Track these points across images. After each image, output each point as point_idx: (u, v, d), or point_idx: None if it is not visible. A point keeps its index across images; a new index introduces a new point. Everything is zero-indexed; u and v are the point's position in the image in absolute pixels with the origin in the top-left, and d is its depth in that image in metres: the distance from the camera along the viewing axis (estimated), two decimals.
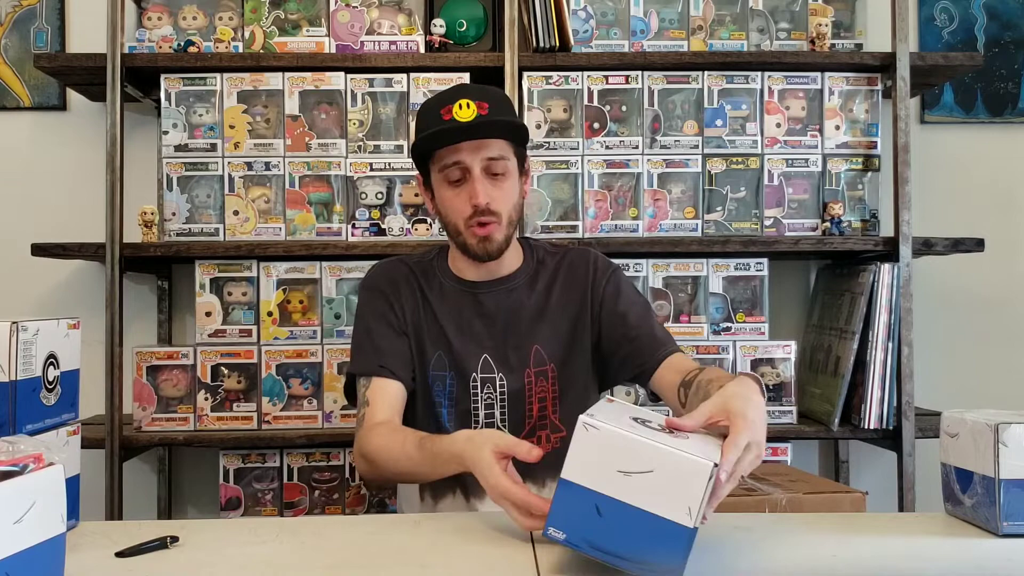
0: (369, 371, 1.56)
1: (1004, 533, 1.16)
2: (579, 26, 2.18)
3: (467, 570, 1.04)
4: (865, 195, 2.22)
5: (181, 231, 2.13)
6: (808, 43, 2.21)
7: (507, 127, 1.52)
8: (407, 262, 1.67)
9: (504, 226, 1.54)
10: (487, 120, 1.49)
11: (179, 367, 2.11)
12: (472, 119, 1.48)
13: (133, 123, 2.33)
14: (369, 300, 1.63)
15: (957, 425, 1.24)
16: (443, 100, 1.52)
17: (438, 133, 1.50)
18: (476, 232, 1.53)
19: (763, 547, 1.15)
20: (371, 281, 1.66)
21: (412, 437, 1.40)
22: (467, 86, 1.68)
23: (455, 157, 1.51)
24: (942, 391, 2.36)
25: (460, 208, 1.53)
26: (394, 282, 1.63)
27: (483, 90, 1.55)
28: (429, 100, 1.58)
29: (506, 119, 1.53)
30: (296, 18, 2.20)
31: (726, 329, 2.16)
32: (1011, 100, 2.50)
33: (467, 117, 1.48)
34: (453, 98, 1.50)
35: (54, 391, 1.20)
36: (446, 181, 1.54)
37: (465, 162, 1.51)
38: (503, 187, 1.53)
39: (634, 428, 1.01)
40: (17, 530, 0.82)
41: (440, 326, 1.59)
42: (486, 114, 1.49)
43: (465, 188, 1.52)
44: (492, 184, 1.52)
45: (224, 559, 1.10)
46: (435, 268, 1.65)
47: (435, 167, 1.56)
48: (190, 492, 2.41)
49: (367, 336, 1.59)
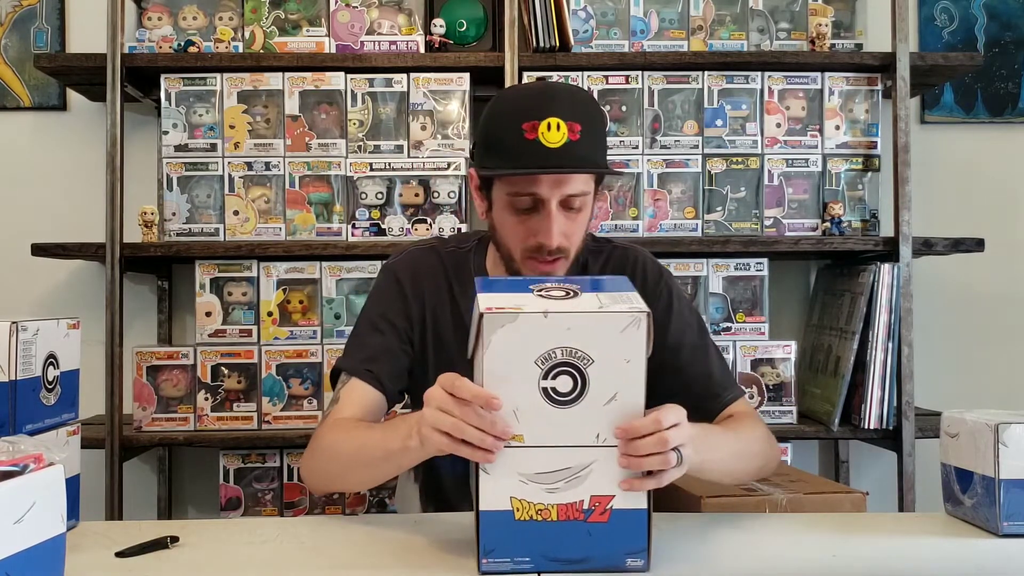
0: (353, 371, 1.40)
1: (1004, 533, 1.16)
2: (579, 26, 2.18)
3: (467, 570, 1.04)
4: (865, 195, 2.22)
5: (181, 231, 2.13)
6: (808, 43, 2.21)
7: (598, 162, 1.32)
8: (440, 252, 1.49)
9: (570, 260, 1.36)
10: (579, 153, 1.27)
11: (179, 367, 2.11)
12: (561, 145, 1.25)
13: (133, 123, 2.32)
14: (383, 291, 1.47)
15: (957, 425, 1.24)
16: (527, 110, 1.28)
17: (514, 155, 1.28)
18: (536, 267, 1.34)
19: (763, 547, 1.15)
20: (394, 269, 1.48)
21: (370, 425, 1.29)
22: (556, 94, 1.34)
23: (531, 188, 1.30)
24: (942, 391, 2.36)
25: (523, 238, 1.34)
26: (417, 277, 1.46)
27: (574, 103, 1.31)
28: (508, 100, 1.36)
29: (597, 158, 1.31)
30: (296, 18, 2.20)
31: (726, 329, 2.16)
32: (1011, 100, 2.50)
33: (555, 142, 1.25)
34: (540, 112, 1.27)
35: (54, 391, 1.20)
36: (511, 207, 1.33)
37: (541, 195, 1.30)
38: (577, 220, 1.34)
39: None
40: (17, 530, 0.82)
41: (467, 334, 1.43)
42: (577, 140, 1.26)
43: (533, 219, 1.32)
44: (567, 217, 1.32)
45: (224, 559, 1.10)
46: (471, 263, 1.48)
47: (501, 186, 1.34)
48: (190, 492, 2.40)
49: (366, 331, 1.44)
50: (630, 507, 1.01)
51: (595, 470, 1.00)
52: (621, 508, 1.01)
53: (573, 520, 1.00)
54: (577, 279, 1.10)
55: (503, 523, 1.00)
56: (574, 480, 1.00)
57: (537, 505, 1.00)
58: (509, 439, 1.00)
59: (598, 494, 1.01)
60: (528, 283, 1.06)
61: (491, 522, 1.00)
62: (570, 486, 1.00)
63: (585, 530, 1.01)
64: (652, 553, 1.02)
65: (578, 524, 1.00)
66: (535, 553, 1.01)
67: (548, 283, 1.05)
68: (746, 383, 2.11)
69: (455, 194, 2.12)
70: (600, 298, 1.02)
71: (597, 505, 1.01)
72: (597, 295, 1.02)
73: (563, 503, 1.00)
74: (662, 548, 1.11)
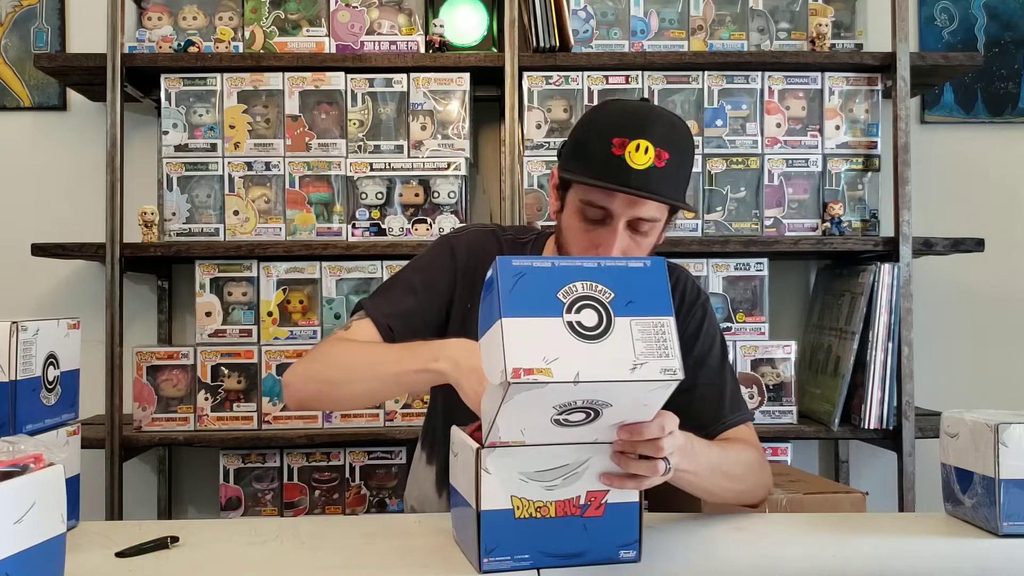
0: (375, 317, 1.40)
1: (1004, 533, 1.16)
2: (579, 26, 2.18)
3: (467, 570, 1.04)
4: (865, 195, 2.22)
5: (181, 231, 2.13)
6: (808, 43, 2.21)
7: (677, 195, 1.32)
8: (500, 238, 1.50)
9: None
10: (660, 179, 1.27)
11: (179, 367, 2.11)
12: (645, 168, 1.26)
13: (133, 123, 2.32)
14: (435, 257, 1.47)
15: (957, 425, 1.24)
16: (622, 126, 1.29)
17: (598, 167, 1.28)
18: None
19: (763, 547, 1.16)
20: (453, 241, 1.49)
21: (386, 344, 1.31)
22: (655, 118, 1.33)
23: (603, 202, 1.30)
24: (942, 391, 2.36)
25: (586, 247, 1.34)
26: (474, 254, 1.45)
27: (668, 131, 1.31)
28: (608, 112, 1.35)
29: (677, 191, 1.32)
30: (296, 18, 2.20)
31: (726, 329, 2.15)
32: (1011, 100, 2.50)
33: (641, 164, 1.26)
34: (634, 131, 1.27)
35: (54, 391, 1.20)
36: (581, 214, 1.34)
37: (612, 211, 1.31)
38: (641, 244, 1.34)
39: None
40: (17, 530, 0.82)
41: None
42: (663, 167, 1.27)
43: (600, 231, 1.33)
44: (631, 239, 1.33)
45: (224, 559, 1.10)
46: (528, 254, 1.47)
47: (577, 191, 1.34)
48: (190, 492, 2.40)
49: (402, 288, 1.44)
50: (623, 501, 1.04)
51: (591, 466, 1.03)
52: (615, 502, 1.04)
53: (570, 516, 1.03)
54: (609, 271, 1.00)
55: (503, 522, 1.01)
56: (571, 477, 1.03)
57: (536, 503, 1.02)
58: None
59: (594, 489, 1.03)
60: (557, 286, 0.97)
61: (492, 521, 1.01)
62: (567, 483, 1.02)
63: (581, 524, 1.03)
64: (643, 545, 1.05)
65: (575, 519, 1.03)
66: (533, 550, 1.02)
67: (578, 287, 0.98)
68: (746, 383, 2.11)
69: (455, 194, 2.12)
70: (633, 333, 0.96)
71: (593, 500, 1.03)
72: (630, 325, 0.96)
73: (561, 500, 1.02)
74: (662, 548, 1.11)
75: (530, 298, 0.96)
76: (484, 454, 1.01)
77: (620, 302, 0.97)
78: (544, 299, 0.96)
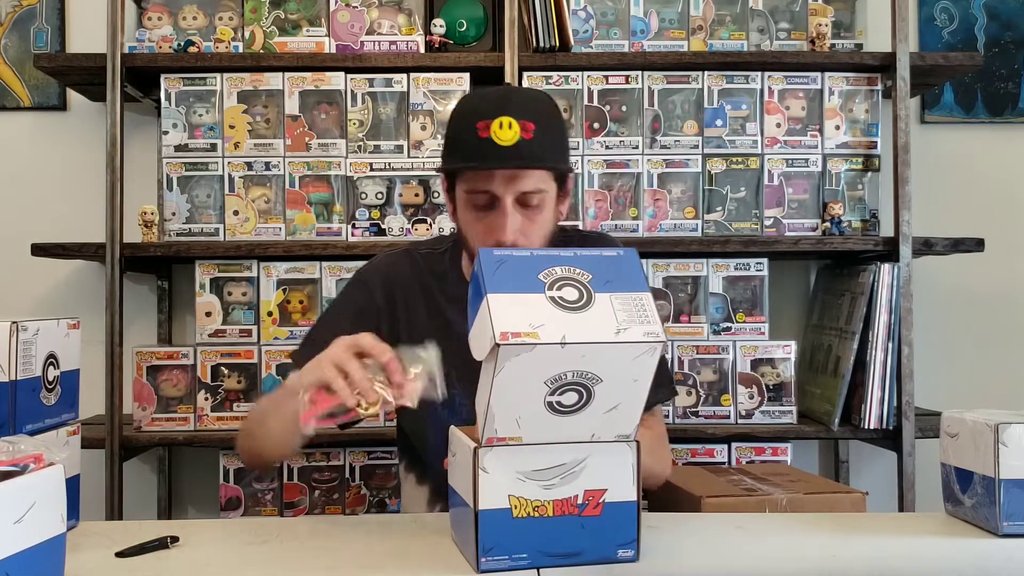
0: (301, 365, 1.32)
1: (1004, 533, 1.16)
2: (579, 26, 2.18)
3: (466, 569, 1.04)
4: (865, 195, 2.22)
5: (181, 231, 2.13)
6: (808, 43, 2.21)
7: (551, 160, 1.33)
8: (414, 254, 1.52)
9: None
10: (529, 149, 1.29)
11: (179, 367, 2.11)
12: (512, 143, 1.28)
13: (133, 123, 2.32)
14: (351, 293, 1.50)
15: (957, 425, 1.24)
16: (482, 110, 1.32)
17: (468, 153, 1.31)
18: None
19: (763, 547, 1.15)
20: (366, 274, 1.51)
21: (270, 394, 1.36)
22: (512, 96, 1.38)
23: (485, 186, 1.33)
24: (942, 391, 2.36)
25: (482, 236, 1.35)
26: (390, 281, 1.48)
27: (529, 104, 1.34)
28: (469, 101, 1.40)
29: (550, 156, 1.33)
30: (296, 18, 2.20)
31: (726, 329, 2.16)
32: (1011, 100, 2.50)
33: (507, 140, 1.28)
34: (494, 111, 1.30)
35: (54, 391, 1.20)
36: (471, 205, 1.36)
37: (495, 192, 1.32)
38: (536, 220, 1.35)
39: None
40: (17, 530, 0.82)
41: (448, 334, 1.34)
42: (530, 138, 1.29)
43: (491, 216, 1.34)
44: (524, 215, 1.34)
45: (224, 559, 1.10)
46: (446, 264, 1.50)
47: (461, 184, 1.37)
48: (190, 492, 2.40)
49: (327, 328, 1.41)
50: (621, 500, 1.04)
51: (588, 464, 1.03)
52: (613, 501, 1.04)
53: (568, 515, 1.03)
54: (586, 258, 1.04)
55: (501, 521, 1.01)
56: (569, 476, 1.03)
57: (534, 502, 1.02)
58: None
59: (591, 488, 1.03)
60: (537, 270, 1.02)
61: (489, 521, 1.01)
62: (565, 481, 1.03)
63: (579, 524, 1.03)
64: (642, 545, 1.05)
65: (572, 518, 1.03)
66: (531, 549, 1.02)
67: (557, 270, 1.02)
68: (746, 383, 2.12)
69: None
70: (614, 305, 1.00)
71: (591, 499, 1.03)
72: (610, 299, 1.00)
73: (559, 499, 1.02)
74: (661, 547, 1.11)
75: (513, 279, 1.01)
76: (482, 453, 1.01)
77: (599, 281, 1.02)
78: (526, 279, 1.01)
